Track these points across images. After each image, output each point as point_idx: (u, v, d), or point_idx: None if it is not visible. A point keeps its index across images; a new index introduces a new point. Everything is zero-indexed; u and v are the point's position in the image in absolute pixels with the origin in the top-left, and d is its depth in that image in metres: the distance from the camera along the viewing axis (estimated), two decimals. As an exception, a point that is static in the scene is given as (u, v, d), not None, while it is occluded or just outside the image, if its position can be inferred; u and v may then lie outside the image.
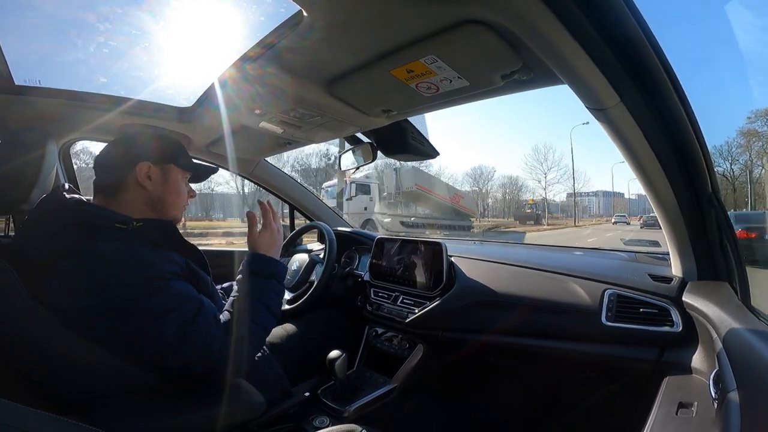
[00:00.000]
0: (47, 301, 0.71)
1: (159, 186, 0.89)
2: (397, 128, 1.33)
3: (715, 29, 49.26)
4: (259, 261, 0.94)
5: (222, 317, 0.83)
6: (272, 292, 0.92)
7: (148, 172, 0.87)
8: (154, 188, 0.89)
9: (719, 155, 22.45)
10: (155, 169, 0.89)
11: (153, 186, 0.88)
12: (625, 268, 1.26)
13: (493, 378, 1.44)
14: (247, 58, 0.88)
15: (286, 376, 1.08)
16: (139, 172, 0.86)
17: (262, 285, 0.90)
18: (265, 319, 0.88)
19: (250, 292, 0.88)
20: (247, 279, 0.90)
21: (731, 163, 23.13)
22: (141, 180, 0.87)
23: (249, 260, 0.94)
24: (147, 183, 0.87)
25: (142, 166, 0.87)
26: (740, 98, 16.28)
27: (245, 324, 0.83)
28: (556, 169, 41.63)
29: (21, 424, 0.40)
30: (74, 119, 1.18)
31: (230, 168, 1.74)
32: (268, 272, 0.93)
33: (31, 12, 0.90)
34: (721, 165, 22.02)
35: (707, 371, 0.79)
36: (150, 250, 0.79)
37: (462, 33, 0.69)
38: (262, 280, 0.91)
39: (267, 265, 0.94)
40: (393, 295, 1.43)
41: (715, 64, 47.37)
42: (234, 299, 0.87)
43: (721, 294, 0.86)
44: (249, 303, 0.86)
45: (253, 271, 0.91)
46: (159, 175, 0.89)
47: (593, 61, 0.64)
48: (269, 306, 0.89)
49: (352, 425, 0.89)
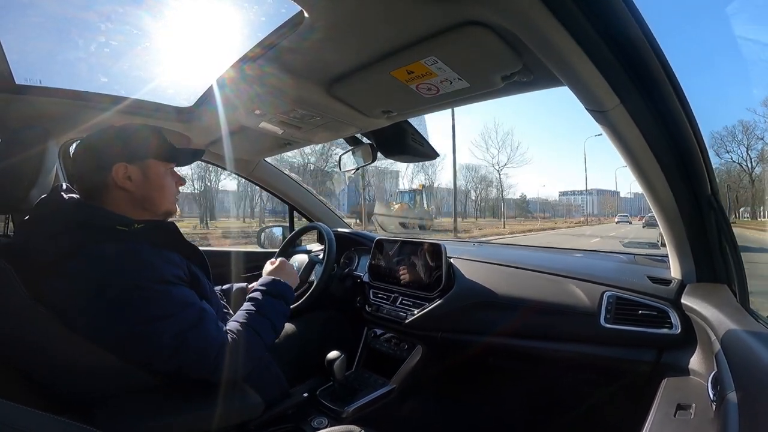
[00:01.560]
0: (48, 301, 0.71)
1: (141, 185, 0.85)
2: (397, 129, 1.34)
3: (716, 31, 49.26)
4: (273, 282, 1.00)
5: (227, 326, 0.84)
6: (279, 312, 0.96)
7: (126, 172, 0.83)
8: (137, 188, 0.85)
9: (732, 138, 17.82)
10: (133, 168, 0.84)
11: (135, 186, 0.85)
12: (624, 270, 1.26)
13: (492, 379, 1.44)
14: (247, 59, 0.89)
15: (284, 376, 1.08)
16: (116, 175, 0.82)
17: (272, 303, 0.95)
18: (267, 335, 0.90)
19: (260, 308, 0.92)
20: (259, 295, 0.95)
21: (747, 148, 18.33)
22: (121, 183, 0.83)
23: (267, 281, 1.01)
24: (128, 184, 0.84)
25: (118, 168, 0.82)
26: (740, 99, 15.85)
27: (249, 334, 0.85)
28: (509, 149, 34.86)
29: (21, 424, 0.40)
30: (74, 118, 1.18)
31: (230, 168, 1.74)
32: (278, 293, 0.98)
33: (32, 11, 0.90)
34: (734, 151, 17.78)
35: (705, 373, 0.79)
36: (151, 252, 0.78)
37: (463, 34, 0.69)
38: (272, 299, 0.96)
39: (279, 288, 1.00)
40: (392, 296, 1.43)
41: (715, 66, 47.39)
42: (243, 311, 0.90)
43: (719, 296, 0.86)
44: (256, 317, 0.89)
45: (267, 291, 0.97)
46: (138, 173, 0.85)
47: (594, 63, 0.65)
48: (274, 324, 0.92)
49: (351, 426, 0.89)
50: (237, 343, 0.81)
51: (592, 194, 66.44)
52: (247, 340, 0.84)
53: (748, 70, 13.15)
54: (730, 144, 18.34)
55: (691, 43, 52.16)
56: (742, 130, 18.01)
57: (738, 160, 18.01)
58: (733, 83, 47.50)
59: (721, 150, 17.21)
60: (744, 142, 18.26)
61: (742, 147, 18.17)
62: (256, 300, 0.94)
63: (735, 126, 18.00)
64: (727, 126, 17.79)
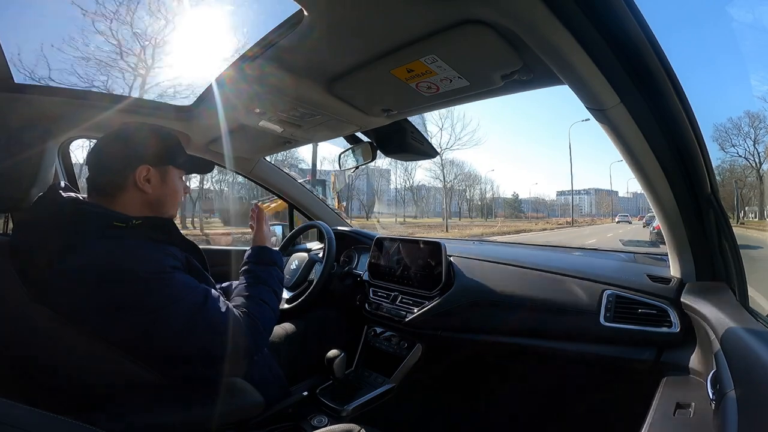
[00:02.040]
0: (47, 300, 0.71)
1: (158, 188, 0.88)
2: (397, 128, 1.34)
3: (716, 30, 49.09)
4: (262, 251, 1.05)
5: (233, 303, 0.88)
6: (275, 277, 1.01)
7: (147, 175, 0.85)
8: (153, 191, 0.87)
9: (737, 131, 16.04)
10: (154, 171, 0.87)
11: (152, 189, 0.86)
12: (623, 269, 1.26)
13: (491, 377, 1.44)
14: (247, 57, 0.88)
15: (284, 375, 1.09)
16: (138, 176, 0.84)
17: (267, 271, 1.00)
18: (273, 301, 0.95)
19: (258, 278, 0.97)
20: (254, 267, 1.00)
21: (754, 142, 16.52)
22: (140, 184, 0.85)
23: (255, 251, 1.05)
24: (146, 186, 0.85)
25: (142, 170, 0.85)
26: (740, 99, 15.50)
27: (257, 304, 0.89)
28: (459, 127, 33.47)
29: (21, 423, 0.40)
30: (74, 117, 1.17)
31: (230, 167, 1.74)
32: (270, 260, 1.04)
33: (31, 11, 0.89)
34: (740, 145, 16.12)
35: (705, 372, 0.79)
36: (150, 246, 0.79)
37: (463, 33, 0.68)
38: (267, 267, 1.01)
39: (270, 254, 1.05)
40: (392, 294, 1.43)
41: (715, 65, 47.24)
42: (243, 285, 0.95)
43: (719, 295, 0.86)
44: (257, 286, 0.95)
45: (260, 260, 1.02)
46: (157, 177, 0.88)
47: (594, 62, 0.64)
48: (275, 290, 0.98)
49: (351, 425, 0.89)
50: (248, 316, 0.85)
51: (589, 194, 65.99)
52: (259, 312, 0.88)
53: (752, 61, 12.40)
54: (735, 137, 16.69)
55: (692, 40, 51.92)
56: (748, 122, 16.26)
57: (744, 154, 16.46)
58: (734, 84, 47.26)
59: (726, 144, 15.82)
60: (751, 134, 16.56)
61: (748, 140, 16.52)
62: (252, 272, 0.98)
63: (741, 118, 16.45)
64: (732, 118, 16.27)
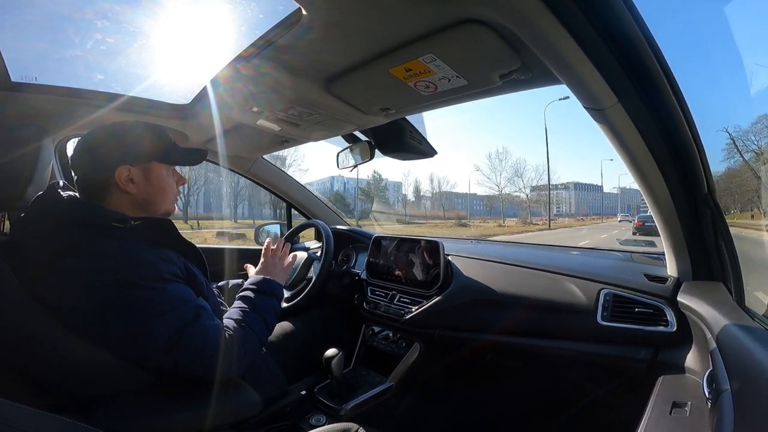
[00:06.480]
0: (44, 299, 0.71)
1: (143, 188, 0.85)
2: (396, 127, 1.34)
3: (714, 30, 48.86)
4: (264, 281, 1.01)
5: (223, 323, 0.85)
6: (271, 308, 0.97)
7: (129, 175, 0.83)
8: (139, 191, 0.85)
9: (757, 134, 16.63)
10: (135, 170, 0.84)
11: (137, 189, 0.84)
12: (620, 268, 1.27)
13: (489, 376, 1.45)
14: (245, 56, 0.88)
15: (282, 374, 1.08)
16: (119, 178, 0.82)
17: (264, 301, 0.96)
18: (262, 332, 0.91)
19: (255, 306, 0.93)
20: (251, 294, 0.96)
21: None
22: (123, 185, 0.82)
23: (259, 280, 1.01)
24: (130, 187, 0.83)
25: (122, 171, 0.82)
26: (739, 98, 15.21)
27: (244, 331, 0.86)
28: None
29: (21, 423, 0.40)
30: (71, 116, 1.17)
31: (228, 165, 1.73)
32: (270, 291, 1.00)
33: (28, 9, 0.89)
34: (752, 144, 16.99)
35: (701, 371, 0.79)
36: (148, 249, 0.78)
37: (461, 32, 0.69)
38: (265, 297, 0.97)
39: (271, 286, 1.01)
40: (390, 293, 1.43)
41: (714, 65, 47.05)
42: (236, 309, 0.91)
43: (715, 294, 0.86)
44: (250, 314, 0.91)
45: (260, 289, 0.98)
46: (140, 176, 0.85)
47: (592, 62, 0.65)
48: (267, 320, 0.94)
49: (349, 423, 0.89)
50: (233, 340, 0.82)
51: (568, 189, 58.18)
52: (242, 338, 0.84)
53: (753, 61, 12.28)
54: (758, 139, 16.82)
55: (691, 40, 51.58)
56: None
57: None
58: (732, 83, 46.98)
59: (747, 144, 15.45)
60: (755, 131, 16.55)
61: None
62: (249, 298, 0.95)
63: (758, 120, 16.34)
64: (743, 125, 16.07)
